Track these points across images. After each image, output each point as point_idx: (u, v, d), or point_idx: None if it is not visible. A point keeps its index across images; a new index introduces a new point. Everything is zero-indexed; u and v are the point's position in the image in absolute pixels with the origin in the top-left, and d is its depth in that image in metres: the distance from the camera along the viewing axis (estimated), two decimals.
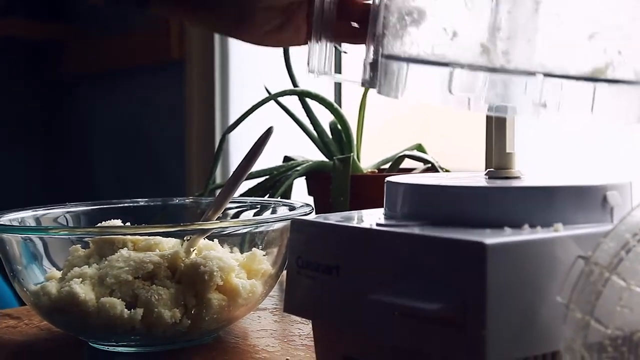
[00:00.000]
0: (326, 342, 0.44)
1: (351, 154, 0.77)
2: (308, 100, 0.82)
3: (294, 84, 0.83)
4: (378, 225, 0.39)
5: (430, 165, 0.79)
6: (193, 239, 0.55)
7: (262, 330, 0.59)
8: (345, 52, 0.67)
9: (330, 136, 0.82)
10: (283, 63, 0.82)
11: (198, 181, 1.76)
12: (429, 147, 0.84)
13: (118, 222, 0.61)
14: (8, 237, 0.55)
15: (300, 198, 0.71)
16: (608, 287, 0.32)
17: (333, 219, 0.43)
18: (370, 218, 0.43)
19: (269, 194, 0.77)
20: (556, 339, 0.34)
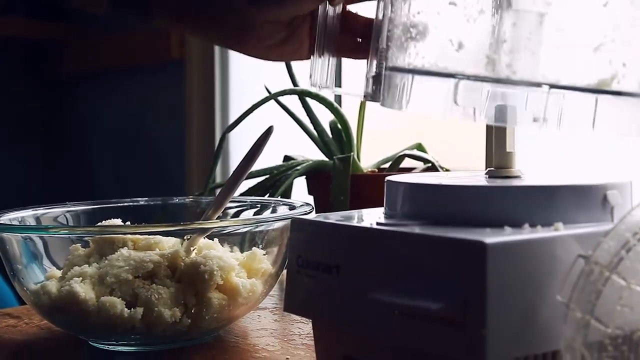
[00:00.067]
0: (326, 342, 0.44)
1: (351, 154, 0.77)
2: (308, 99, 0.82)
3: (294, 83, 0.83)
4: (378, 224, 0.39)
5: (430, 164, 0.79)
6: (193, 238, 0.55)
7: (262, 329, 0.59)
8: None
9: (331, 135, 0.82)
10: (283, 63, 0.82)
11: (198, 180, 1.76)
12: (429, 147, 0.84)
13: (118, 222, 0.61)
14: (8, 237, 0.55)
15: (301, 197, 0.71)
16: (608, 286, 0.32)
17: (333, 218, 0.43)
18: (370, 217, 0.43)
19: (269, 193, 0.77)
20: (556, 338, 0.34)
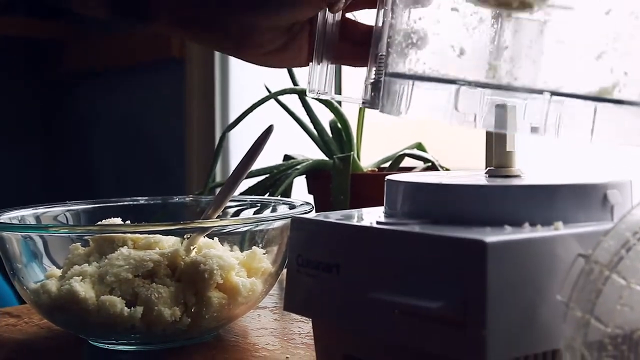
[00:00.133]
0: (326, 341, 0.44)
1: (351, 153, 0.77)
2: (308, 98, 0.82)
3: (294, 82, 0.83)
4: (378, 223, 0.39)
5: (430, 164, 0.79)
6: (193, 237, 0.55)
7: (262, 328, 0.59)
8: None
9: (331, 135, 0.82)
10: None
11: (198, 180, 1.76)
12: (429, 146, 0.84)
13: (118, 221, 0.61)
14: (8, 236, 0.55)
15: (301, 197, 0.71)
16: (608, 286, 0.32)
17: (333, 217, 0.43)
18: (370, 216, 0.43)
19: (269, 192, 0.77)
20: (556, 337, 0.34)
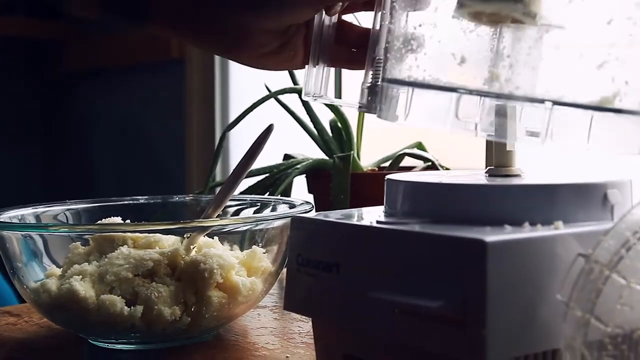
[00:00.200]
0: (326, 340, 0.44)
1: (351, 152, 0.76)
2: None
3: (294, 82, 0.83)
4: (378, 222, 0.39)
5: (430, 163, 0.79)
6: (193, 236, 0.55)
7: (262, 327, 0.59)
8: None
9: (331, 134, 0.82)
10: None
11: (198, 179, 1.76)
12: (429, 145, 0.84)
13: (118, 220, 0.61)
14: (8, 235, 0.55)
15: (301, 196, 0.71)
16: (608, 285, 0.32)
17: (333, 216, 0.43)
18: (370, 216, 0.43)
19: (269, 191, 0.77)
20: (556, 337, 0.34)
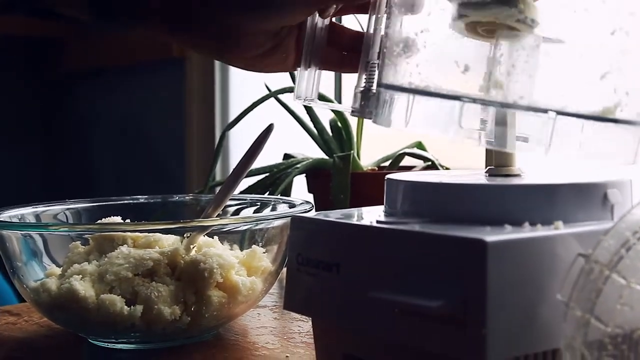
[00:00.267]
0: (326, 340, 0.44)
1: (351, 152, 0.76)
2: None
3: (294, 81, 0.83)
4: (378, 222, 0.39)
5: (430, 162, 0.79)
6: (193, 236, 0.55)
7: (262, 327, 0.59)
8: None
9: (331, 134, 0.82)
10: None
11: (198, 179, 1.76)
12: (429, 145, 0.84)
13: (118, 219, 0.61)
14: (8, 234, 0.55)
15: (301, 195, 0.71)
16: (608, 285, 0.32)
17: (333, 216, 0.43)
18: (370, 215, 0.43)
19: (269, 191, 0.77)
20: (556, 336, 0.34)
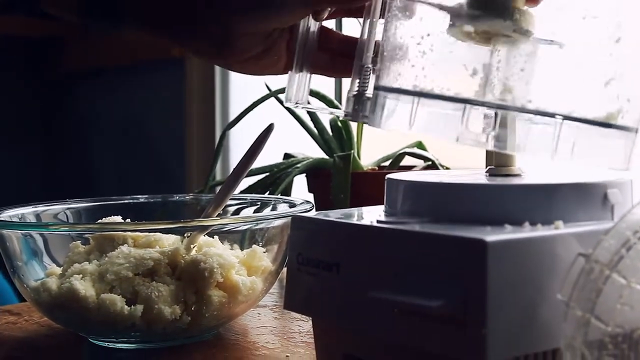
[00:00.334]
0: (326, 340, 0.44)
1: (351, 151, 0.76)
2: (308, 97, 0.81)
3: None
4: (378, 222, 0.39)
5: (430, 162, 0.79)
6: (193, 235, 0.55)
7: (262, 327, 0.59)
8: None
9: (331, 133, 0.82)
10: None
11: (198, 178, 1.76)
12: (429, 145, 0.84)
13: (118, 219, 0.61)
14: (8, 233, 0.55)
15: (301, 195, 0.71)
16: (608, 285, 0.32)
17: (333, 216, 0.43)
18: (370, 215, 0.43)
19: (269, 191, 0.77)
20: (557, 336, 0.34)
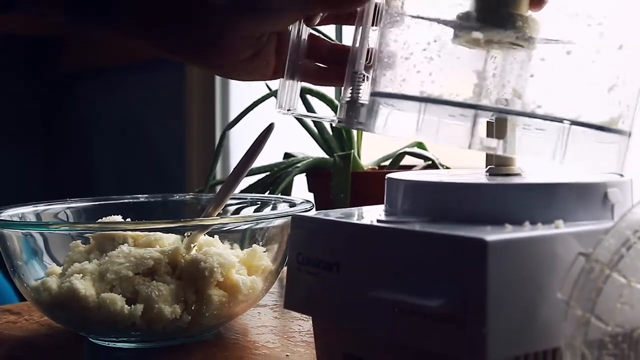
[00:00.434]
0: (326, 339, 0.44)
1: (352, 151, 0.77)
2: (309, 96, 0.82)
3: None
4: (379, 221, 0.39)
5: (430, 162, 0.79)
6: (193, 235, 0.55)
7: (262, 326, 0.59)
8: None
9: (331, 133, 0.82)
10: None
11: (198, 178, 1.76)
12: (429, 145, 0.84)
13: (118, 218, 0.61)
14: (8, 233, 0.55)
15: (301, 195, 0.71)
16: (608, 284, 0.32)
17: (334, 215, 0.43)
18: (370, 215, 0.43)
19: (269, 190, 0.77)
20: (557, 336, 0.34)
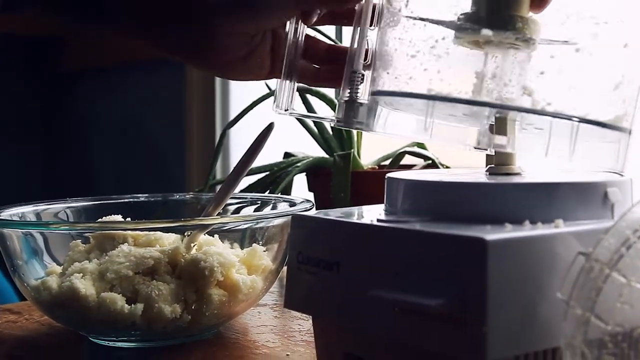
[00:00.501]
0: (326, 338, 0.44)
1: (352, 150, 0.76)
2: (309, 96, 0.82)
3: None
4: (379, 221, 0.39)
5: (430, 161, 0.79)
6: (193, 234, 0.55)
7: (262, 326, 0.59)
8: None
9: (331, 132, 0.82)
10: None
11: (198, 177, 1.76)
12: (429, 144, 0.84)
13: (118, 218, 0.61)
14: (8, 232, 0.55)
15: (301, 194, 0.71)
16: (608, 284, 0.32)
17: (334, 214, 0.43)
18: (370, 214, 0.43)
19: (269, 189, 0.77)
20: (556, 335, 0.34)
